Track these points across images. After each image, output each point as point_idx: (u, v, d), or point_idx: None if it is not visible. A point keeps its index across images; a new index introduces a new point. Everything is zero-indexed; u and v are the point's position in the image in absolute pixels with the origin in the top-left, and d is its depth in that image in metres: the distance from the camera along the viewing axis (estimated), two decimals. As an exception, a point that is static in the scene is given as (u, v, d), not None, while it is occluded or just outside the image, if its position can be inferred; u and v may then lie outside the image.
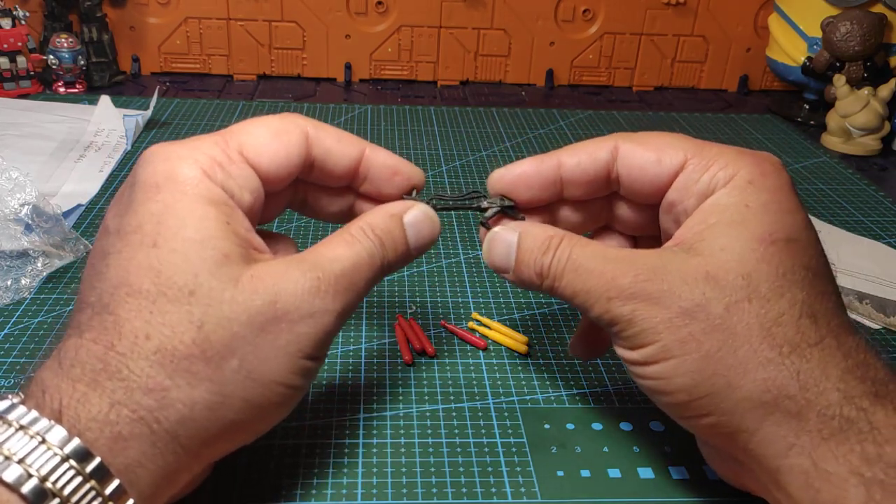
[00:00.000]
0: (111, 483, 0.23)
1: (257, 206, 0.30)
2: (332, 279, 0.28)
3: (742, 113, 0.83)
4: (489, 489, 0.32)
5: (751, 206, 0.28)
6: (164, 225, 0.27)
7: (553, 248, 0.30)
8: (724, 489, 0.33)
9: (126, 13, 0.82)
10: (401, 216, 0.31)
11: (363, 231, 0.30)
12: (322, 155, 0.31)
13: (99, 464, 0.23)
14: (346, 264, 0.29)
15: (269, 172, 0.30)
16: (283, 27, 0.84)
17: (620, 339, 0.29)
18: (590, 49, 0.88)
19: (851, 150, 0.73)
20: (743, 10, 0.87)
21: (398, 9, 0.84)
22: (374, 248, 0.30)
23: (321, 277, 0.28)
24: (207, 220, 0.27)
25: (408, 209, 0.32)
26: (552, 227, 0.31)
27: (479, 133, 0.73)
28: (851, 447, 0.25)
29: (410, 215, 0.32)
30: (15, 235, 0.44)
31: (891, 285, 0.49)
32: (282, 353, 0.27)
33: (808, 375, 0.26)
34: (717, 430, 0.28)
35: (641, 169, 0.31)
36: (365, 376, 0.38)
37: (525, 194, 0.33)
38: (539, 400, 0.37)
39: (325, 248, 0.29)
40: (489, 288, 0.47)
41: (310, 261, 0.28)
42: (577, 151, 0.32)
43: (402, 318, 0.43)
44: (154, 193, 0.27)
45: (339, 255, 0.29)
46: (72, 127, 0.67)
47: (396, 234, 0.31)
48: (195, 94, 0.80)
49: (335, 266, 0.28)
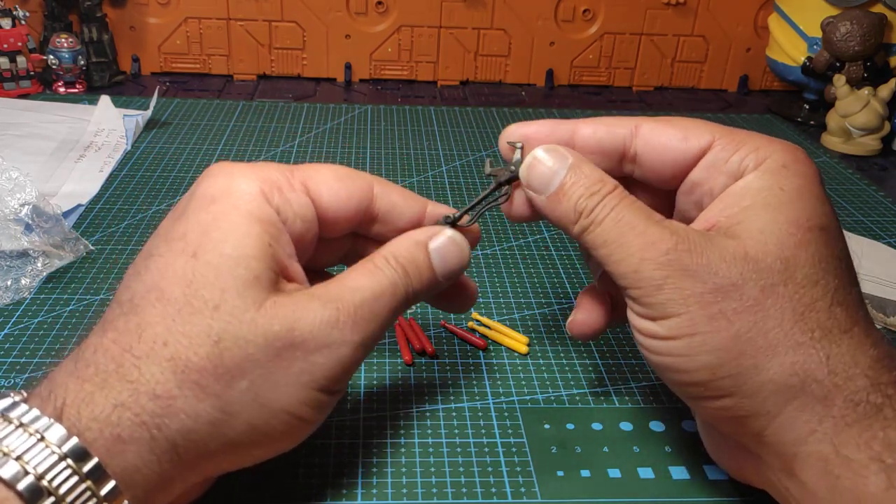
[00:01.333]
0: (107, 484, 0.23)
1: (309, 238, 0.30)
2: (352, 309, 0.28)
3: (742, 113, 0.83)
4: (489, 489, 0.32)
5: (785, 189, 0.28)
6: (208, 236, 0.27)
7: (603, 194, 0.29)
8: (724, 489, 0.33)
9: (126, 13, 0.82)
10: (426, 243, 0.31)
11: (386, 260, 0.30)
12: (387, 209, 0.32)
13: (96, 464, 0.23)
14: (366, 294, 0.28)
15: (328, 208, 0.30)
16: (283, 27, 0.84)
17: (642, 304, 0.28)
18: (590, 49, 0.88)
19: (851, 150, 0.73)
20: (743, 10, 0.87)
21: (398, 9, 0.84)
22: (396, 277, 0.30)
23: (340, 308, 0.28)
24: (249, 238, 0.27)
25: (433, 235, 0.31)
26: (604, 173, 0.30)
27: (479, 133, 0.73)
28: (874, 433, 0.25)
29: (436, 242, 0.31)
30: (15, 235, 0.44)
31: (891, 285, 0.49)
32: (293, 381, 0.27)
33: (837, 360, 0.26)
34: (731, 412, 0.27)
35: (664, 147, 0.31)
36: (365, 376, 0.38)
37: None
38: (539, 400, 0.37)
39: (348, 278, 0.29)
40: (489, 288, 0.47)
41: (332, 292, 0.28)
42: (595, 122, 0.32)
43: (402, 318, 0.43)
44: (208, 204, 0.28)
45: (360, 286, 0.29)
46: (72, 127, 0.67)
47: (421, 262, 0.31)
48: (195, 94, 0.80)
49: (356, 296, 0.28)
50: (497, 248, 0.51)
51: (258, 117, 0.73)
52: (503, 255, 0.50)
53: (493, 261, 0.50)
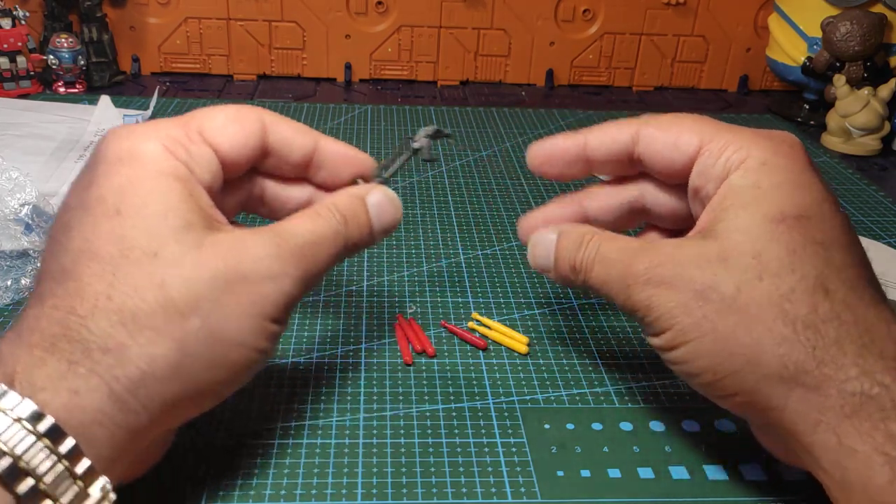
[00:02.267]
0: (64, 441, 0.23)
1: (216, 186, 0.31)
2: (293, 246, 0.29)
3: (742, 113, 0.83)
4: (489, 489, 0.32)
5: (762, 186, 0.29)
6: (127, 195, 0.27)
7: (585, 244, 0.32)
8: (724, 489, 0.33)
9: (126, 13, 0.82)
10: (364, 197, 0.33)
11: (328, 209, 0.31)
12: (279, 143, 0.33)
13: (53, 424, 0.23)
14: (307, 236, 0.30)
15: (227, 154, 0.31)
16: (283, 27, 0.84)
17: (645, 325, 0.30)
18: (590, 49, 0.88)
19: (851, 150, 0.73)
20: (743, 10, 0.87)
21: (398, 9, 0.84)
22: (338, 225, 0.31)
23: (280, 244, 0.29)
24: (170, 193, 0.28)
25: (370, 191, 0.33)
26: (587, 226, 0.34)
27: (479, 133, 0.73)
28: (875, 425, 0.25)
29: (373, 197, 0.33)
30: (15, 235, 0.44)
31: (891, 285, 0.49)
32: (245, 313, 0.27)
33: (824, 352, 0.27)
34: (751, 407, 0.29)
35: (660, 153, 0.33)
36: (365, 376, 0.38)
37: (554, 168, 0.36)
38: (539, 400, 0.37)
39: (289, 221, 0.31)
40: (489, 288, 0.47)
41: (272, 230, 0.29)
42: (601, 132, 0.35)
43: (402, 318, 0.43)
44: (117, 168, 0.28)
45: (302, 228, 0.30)
46: (72, 127, 0.67)
47: (360, 214, 0.32)
48: (195, 94, 0.80)
49: (297, 236, 0.30)
50: (497, 248, 0.51)
51: (258, 117, 0.73)
52: (503, 255, 0.50)
53: (492, 261, 0.50)
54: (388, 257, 0.49)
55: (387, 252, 0.50)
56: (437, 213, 0.56)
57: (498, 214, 0.56)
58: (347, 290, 0.46)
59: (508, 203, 0.58)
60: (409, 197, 0.58)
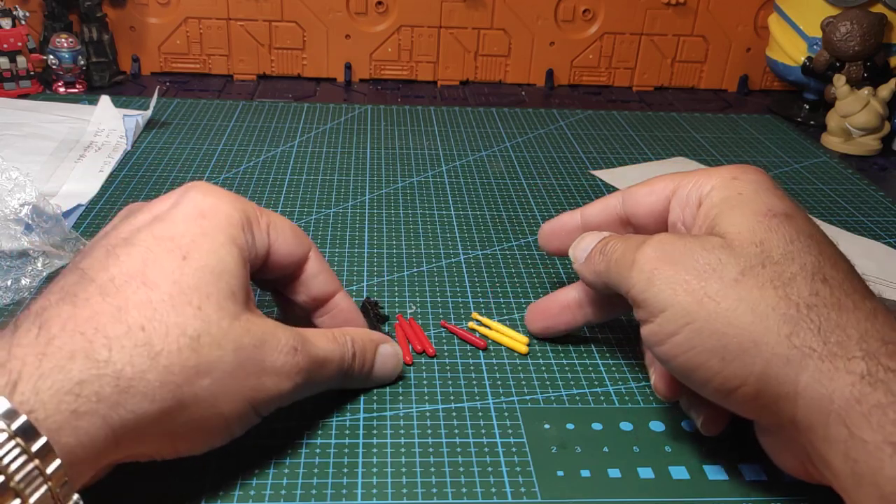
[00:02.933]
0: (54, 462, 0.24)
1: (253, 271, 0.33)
2: (309, 354, 0.31)
3: (742, 113, 0.83)
4: (489, 489, 0.32)
5: (744, 193, 0.32)
6: (197, 245, 0.29)
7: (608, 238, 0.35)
8: (724, 489, 0.33)
9: (126, 13, 0.82)
10: (378, 344, 0.36)
11: (345, 338, 0.34)
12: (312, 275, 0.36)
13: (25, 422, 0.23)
14: (320, 353, 0.32)
15: (276, 253, 0.34)
16: (283, 27, 0.84)
17: (640, 305, 0.31)
18: (590, 49, 0.88)
19: (851, 150, 0.73)
20: (743, 10, 0.87)
21: (398, 9, 0.84)
22: (347, 353, 0.34)
23: (299, 349, 0.31)
24: (231, 258, 0.30)
25: (384, 342, 0.37)
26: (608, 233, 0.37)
27: (479, 133, 0.73)
28: (885, 412, 0.25)
29: (384, 348, 0.36)
30: (15, 235, 0.44)
31: (891, 285, 0.49)
32: (241, 392, 0.29)
33: (828, 332, 0.27)
34: (760, 399, 0.28)
35: (640, 203, 0.37)
36: (365, 376, 0.38)
37: (557, 240, 0.41)
38: (539, 400, 0.37)
39: (309, 333, 0.33)
40: (489, 288, 0.47)
41: (298, 332, 0.31)
42: (593, 204, 0.40)
43: (402, 318, 0.43)
44: (196, 217, 0.30)
45: (318, 343, 0.32)
46: (72, 127, 0.67)
47: (368, 356, 0.36)
48: (195, 94, 0.80)
49: (315, 348, 0.32)
50: (497, 248, 0.51)
51: (258, 117, 0.73)
52: (503, 255, 0.50)
53: (493, 261, 0.50)
54: (388, 257, 0.49)
55: (387, 252, 0.50)
56: (437, 213, 0.56)
57: (498, 214, 0.56)
58: (347, 289, 0.46)
59: (508, 203, 0.58)
60: (409, 197, 0.58)
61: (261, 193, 0.58)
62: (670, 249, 0.31)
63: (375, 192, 0.59)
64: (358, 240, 0.51)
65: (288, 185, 0.59)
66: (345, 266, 0.48)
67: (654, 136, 0.74)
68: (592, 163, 0.67)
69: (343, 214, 0.55)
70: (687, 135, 0.75)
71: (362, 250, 0.50)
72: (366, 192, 0.59)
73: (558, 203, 0.58)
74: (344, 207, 0.56)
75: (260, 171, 0.61)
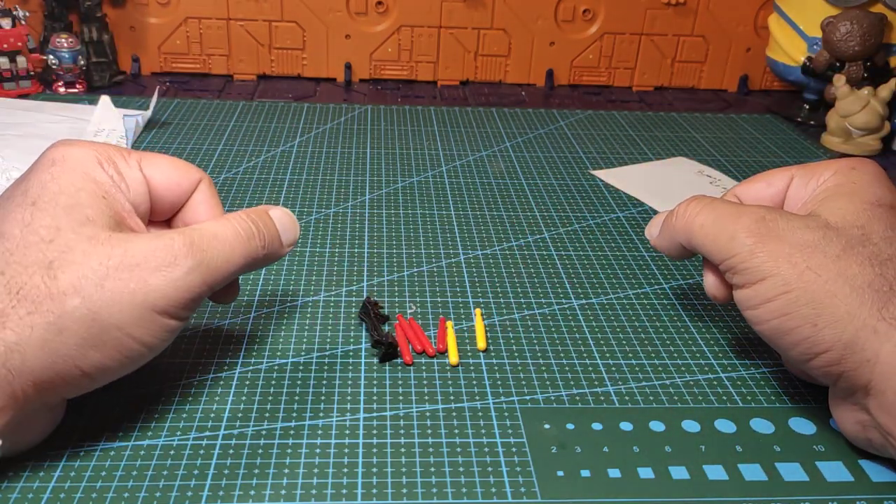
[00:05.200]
0: None
1: (143, 209, 0.34)
2: (187, 239, 0.31)
3: (742, 113, 0.83)
4: (489, 489, 0.32)
5: (857, 182, 0.35)
6: (46, 189, 0.30)
7: (696, 199, 0.37)
8: (723, 489, 0.33)
9: (126, 13, 0.82)
10: (267, 211, 0.35)
11: (237, 215, 0.34)
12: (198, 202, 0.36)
13: None
14: (206, 232, 0.32)
15: (158, 186, 0.34)
16: (283, 27, 0.84)
17: (739, 272, 0.33)
18: (590, 49, 0.88)
19: (851, 150, 0.73)
20: (743, 10, 0.87)
21: (398, 9, 0.84)
22: (250, 227, 0.34)
23: (175, 238, 0.31)
24: (83, 192, 0.31)
25: (270, 208, 0.36)
26: None
27: (479, 133, 0.73)
28: None
29: (275, 212, 0.36)
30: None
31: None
32: (128, 300, 0.29)
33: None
34: (841, 366, 0.31)
35: (760, 198, 0.38)
36: (365, 376, 0.38)
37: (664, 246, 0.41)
38: (539, 400, 0.37)
39: (196, 223, 0.33)
40: (489, 288, 0.47)
41: (176, 230, 0.32)
42: None
43: (402, 318, 0.43)
44: (48, 167, 0.31)
45: (204, 226, 0.32)
46: (72, 127, 0.67)
47: (268, 222, 0.35)
48: (195, 94, 0.80)
49: (195, 231, 0.32)
50: (497, 248, 0.51)
51: (258, 117, 0.73)
52: (503, 255, 0.50)
53: (493, 261, 0.50)
54: (388, 257, 0.49)
55: (387, 252, 0.50)
56: (437, 213, 0.56)
57: (498, 214, 0.56)
58: (348, 290, 0.46)
59: (508, 203, 0.58)
60: (409, 197, 0.58)
61: (261, 193, 0.58)
62: (773, 226, 0.33)
63: (375, 192, 0.59)
64: (358, 240, 0.51)
65: (288, 185, 0.59)
66: (345, 266, 0.48)
67: (654, 136, 0.74)
68: (592, 163, 0.67)
69: (343, 214, 0.55)
70: (687, 135, 0.75)
71: (362, 250, 0.50)
72: (366, 192, 0.59)
73: (558, 203, 0.58)
74: (344, 207, 0.56)
75: (260, 171, 0.61)
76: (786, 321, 0.32)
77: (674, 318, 0.44)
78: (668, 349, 0.42)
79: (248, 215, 0.34)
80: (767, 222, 0.33)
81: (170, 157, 0.35)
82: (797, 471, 0.34)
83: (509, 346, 0.41)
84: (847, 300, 0.30)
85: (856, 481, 0.33)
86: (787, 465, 0.34)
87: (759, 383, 0.39)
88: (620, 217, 0.57)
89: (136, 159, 0.34)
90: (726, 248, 0.34)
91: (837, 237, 0.32)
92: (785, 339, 0.32)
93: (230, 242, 0.33)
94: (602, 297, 0.46)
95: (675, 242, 0.38)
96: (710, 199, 0.37)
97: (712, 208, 0.36)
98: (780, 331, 0.32)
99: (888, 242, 0.32)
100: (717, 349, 0.42)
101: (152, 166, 0.34)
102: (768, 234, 0.33)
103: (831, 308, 0.31)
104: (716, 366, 0.40)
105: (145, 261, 0.30)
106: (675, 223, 0.38)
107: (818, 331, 0.31)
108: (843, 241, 0.32)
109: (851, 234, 0.32)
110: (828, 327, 0.31)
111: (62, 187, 0.30)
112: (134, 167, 0.34)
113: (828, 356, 0.31)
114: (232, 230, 0.33)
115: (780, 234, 0.33)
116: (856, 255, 0.31)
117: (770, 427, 0.36)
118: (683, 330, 0.43)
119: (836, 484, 0.33)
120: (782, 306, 0.32)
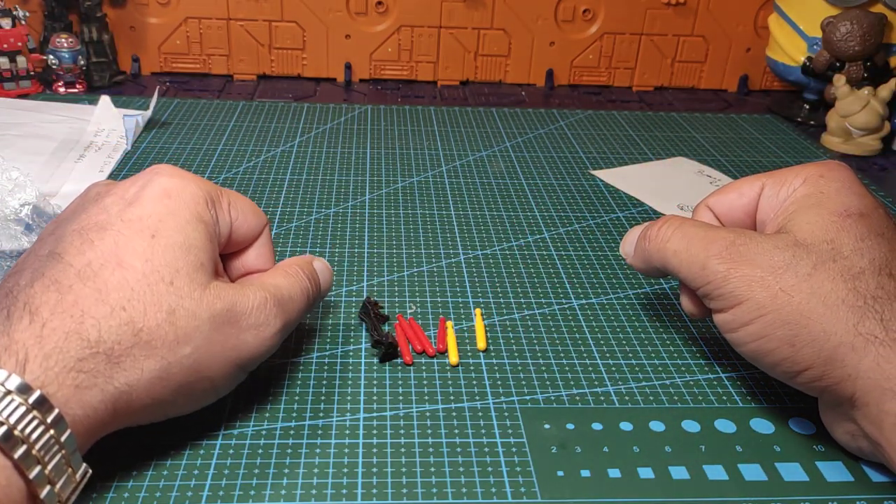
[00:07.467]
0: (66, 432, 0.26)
1: (220, 248, 0.35)
2: (277, 299, 0.33)
3: (742, 113, 0.83)
4: (489, 489, 0.32)
5: (825, 192, 0.34)
6: (164, 224, 0.31)
7: (667, 220, 0.37)
8: (723, 489, 0.33)
9: (126, 13, 0.82)
10: (311, 263, 0.38)
11: (295, 269, 0.36)
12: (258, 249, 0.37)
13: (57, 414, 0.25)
14: (284, 292, 0.34)
15: (237, 231, 0.35)
16: (283, 27, 0.84)
17: (714, 298, 0.34)
18: (590, 49, 0.88)
19: (851, 150, 0.73)
20: (743, 10, 0.87)
21: (398, 9, 0.84)
22: (306, 282, 0.36)
23: (267, 298, 0.33)
24: (198, 234, 0.32)
25: (312, 259, 0.38)
26: None
27: (479, 133, 0.73)
28: None
29: (317, 263, 0.38)
30: (15, 235, 0.44)
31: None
32: (224, 353, 0.31)
33: (891, 322, 0.30)
34: (823, 380, 0.31)
35: (733, 208, 0.38)
36: (365, 376, 0.38)
37: None
38: (539, 400, 0.37)
39: (268, 277, 0.35)
40: (489, 288, 0.47)
41: (257, 284, 0.33)
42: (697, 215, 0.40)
43: (402, 318, 0.43)
44: (162, 197, 0.32)
45: (280, 284, 0.34)
46: (72, 127, 0.67)
47: (316, 277, 0.37)
48: (195, 94, 0.80)
49: (279, 290, 0.34)
50: (497, 248, 0.51)
51: (258, 117, 0.73)
52: (503, 255, 0.50)
53: (493, 261, 0.50)
54: (388, 257, 0.49)
55: (387, 252, 0.50)
56: (437, 213, 0.56)
57: (498, 214, 0.56)
58: (347, 289, 0.46)
59: (508, 203, 0.58)
60: (409, 197, 0.58)
61: (261, 193, 0.58)
62: (744, 249, 0.33)
63: (375, 192, 0.59)
64: (358, 240, 0.51)
65: (288, 185, 0.59)
66: (345, 266, 0.48)
67: (654, 136, 0.74)
68: (592, 163, 0.67)
69: (343, 214, 0.55)
70: (687, 135, 0.75)
71: (362, 250, 0.50)
72: (366, 192, 0.59)
73: (558, 203, 0.58)
74: (344, 207, 0.56)
75: (260, 171, 0.61)
76: (764, 343, 0.32)
77: (674, 318, 0.44)
78: (668, 349, 0.42)
79: (303, 270, 0.36)
80: (738, 246, 0.33)
81: (249, 201, 0.36)
82: (797, 471, 0.34)
83: (509, 346, 0.41)
84: (822, 319, 0.31)
85: (856, 481, 0.33)
86: (787, 465, 0.34)
87: (759, 383, 0.39)
88: (620, 217, 0.57)
89: (227, 201, 0.35)
90: (700, 276, 0.34)
91: (807, 255, 0.32)
92: (766, 360, 0.32)
93: (299, 303, 0.35)
94: (602, 297, 0.46)
95: (650, 265, 0.38)
96: (680, 222, 0.36)
97: (683, 233, 0.36)
98: (760, 352, 0.32)
99: (859, 255, 0.32)
100: (718, 349, 0.42)
101: (236, 209, 0.35)
102: (740, 258, 0.33)
103: (807, 328, 0.31)
104: (716, 366, 0.40)
105: (244, 318, 0.32)
106: (649, 247, 0.37)
107: (796, 351, 0.31)
108: (813, 259, 0.32)
109: (821, 249, 0.32)
110: (806, 347, 0.31)
111: (179, 225, 0.31)
112: (225, 210, 0.35)
113: (809, 374, 0.31)
114: (300, 290, 0.35)
115: (752, 258, 0.33)
116: (827, 272, 0.31)
117: (770, 427, 0.36)
118: (683, 330, 0.43)
119: (836, 484, 0.33)
120: (759, 329, 0.32)
